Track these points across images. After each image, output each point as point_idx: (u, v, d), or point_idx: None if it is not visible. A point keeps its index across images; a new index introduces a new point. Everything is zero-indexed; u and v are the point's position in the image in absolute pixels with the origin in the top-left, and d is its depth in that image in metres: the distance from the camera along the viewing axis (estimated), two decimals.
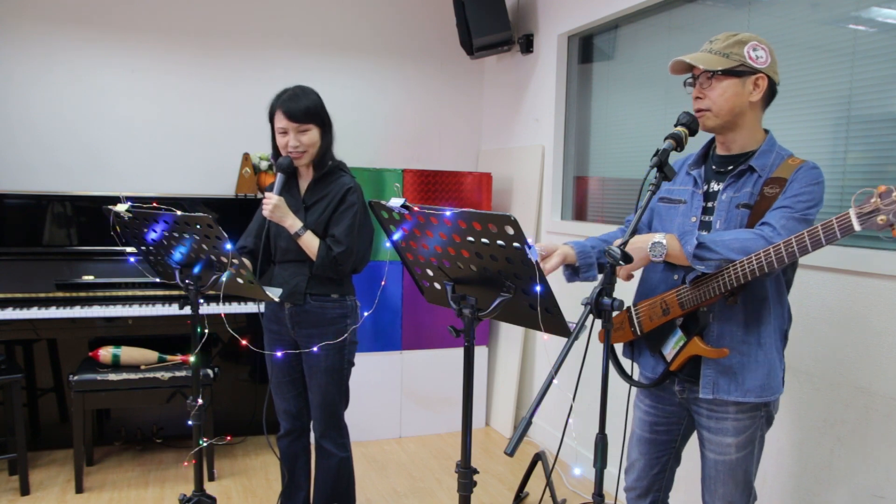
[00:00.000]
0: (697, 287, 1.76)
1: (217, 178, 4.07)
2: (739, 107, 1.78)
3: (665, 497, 2.10)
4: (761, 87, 1.78)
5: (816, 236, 1.50)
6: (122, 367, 3.21)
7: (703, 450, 1.91)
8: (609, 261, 1.58)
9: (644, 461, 2.05)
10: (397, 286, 3.87)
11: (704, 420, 1.87)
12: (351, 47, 4.32)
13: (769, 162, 1.78)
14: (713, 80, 1.78)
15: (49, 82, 3.76)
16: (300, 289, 2.43)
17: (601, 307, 1.55)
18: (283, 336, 2.53)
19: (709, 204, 1.85)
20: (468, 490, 1.65)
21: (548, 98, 3.85)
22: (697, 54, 1.80)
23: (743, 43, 1.76)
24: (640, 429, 2.05)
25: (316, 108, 2.38)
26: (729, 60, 1.76)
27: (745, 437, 1.82)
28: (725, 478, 1.85)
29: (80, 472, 3.15)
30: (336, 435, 2.55)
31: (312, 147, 2.39)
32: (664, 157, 1.72)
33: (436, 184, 3.90)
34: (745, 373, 1.77)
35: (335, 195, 2.42)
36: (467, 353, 1.64)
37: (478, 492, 2.70)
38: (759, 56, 1.77)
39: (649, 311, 1.91)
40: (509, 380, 4.07)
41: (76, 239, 3.58)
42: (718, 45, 1.78)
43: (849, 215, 1.44)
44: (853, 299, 2.17)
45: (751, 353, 1.78)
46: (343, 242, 2.37)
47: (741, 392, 1.77)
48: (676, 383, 1.91)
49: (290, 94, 2.38)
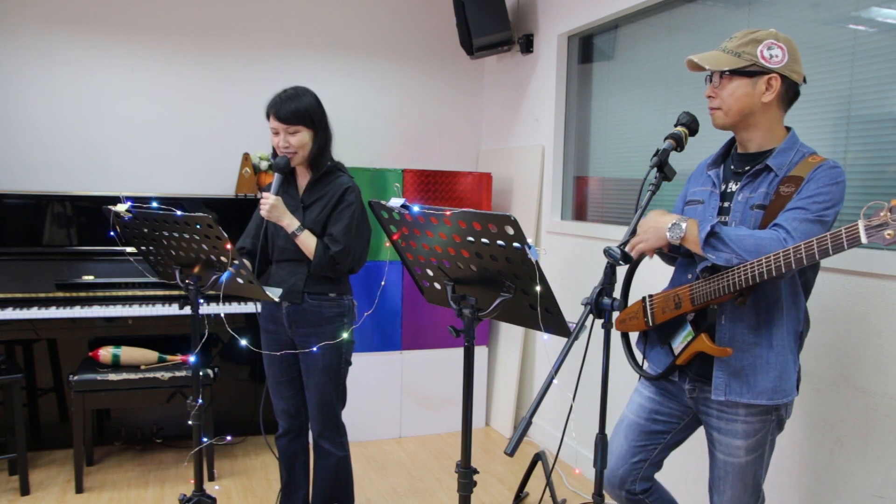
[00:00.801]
0: (708, 283, 1.75)
1: (217, 178, 4.07)
2: (750, 107, 1.76)
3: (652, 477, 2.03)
4: (774, 88, 1.74)
5: (824, 245, 1.48)
6: (122, 367, 3.21)
7: (712, 449, 1.89)
8: (609, 261, 1.59)
9: (627, 447, 1.99)
10: (397, 286, 3.88)
11: (714, 421, 1.85)
12: (351, 47, 4.32)
13: (787, 160, 1.75)
14: (724, 80, 1.77)
15: (49, 82, 3.76)
16: (298, 287, 2.43)
17: (601, 307, 1.55)
18: (280, 336, 2.53)
19: (725, 204, 1.83)
20: (468, 490, 1.65)
21: (548, 98, 3.85)
22: (708, 53, 1.79)
23: (758, 42, 1.73)
24: (634, 414, 2.01)
25: (306, 110, 2.38)
26: (740, 60, 1.73)
27: (755, 440, 1.80)
28: (734, 480, 1.84)
29: (80, 472, 3.15)
30: (334, 434, 2.55)
31: (302, 148, 2.40)
32: (664, 157, 1.72)
33: (436, 184, 3.90)
34: (757, 375, 1.75)
35: (333, 195, 2.43)
36: (467, 353, 1.64)
37: (478, 492, 2.71)
38: (775, 55, 1.73)
39: (662, 304, 1.91)
40: (509, 380, 4.07)
41: (76, 239, 3.58)
42: (733, 44, 1.76)
43: (857, 227, 1.42)
44: (853, 299, 2.17)
45: (762, 354, 1.76)
46: (340, 241, 2.38)
47: (752, 394, 1.76)
48: (688, 382, 1.89)
49: (283, 96, 2.40)
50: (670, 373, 1.90)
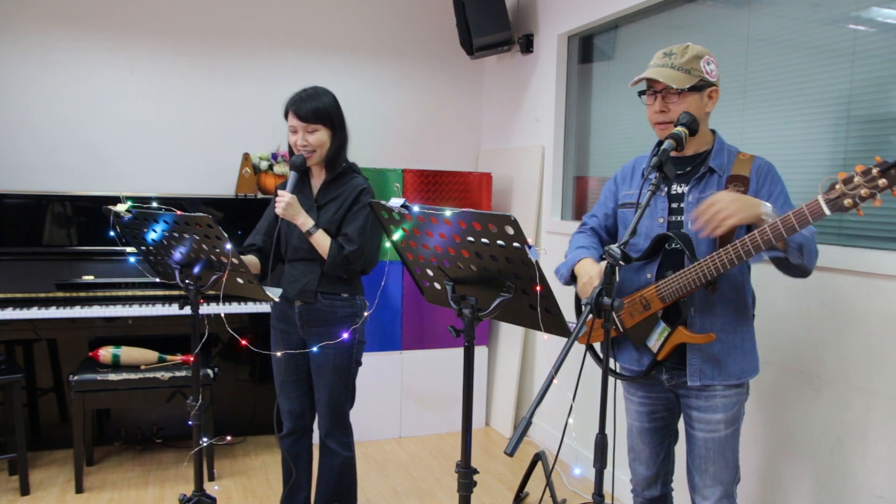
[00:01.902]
0: (677, 279, 1.85)
1: (217, 178, 4.07)
2: (699, 119, 1.88)
3: (670, 481, 2.17)
4: (714, 99, 1.91)
5: (789, 222, 1.63)
6: (122, 367, 3.21)
7: (691, 431, 1.98)
8: (609, 261, 1.59)
9: (650, 450, 2.11)
10: (397, 286, 3.88)
11: (693, 401, 1.95)
12: (351, 47, 4.32)
13: (724, 160, 1.91)
14: (677, 96, 1.87)
15: (49, 82, 3.76)
16: (311, 287, 2.43)
17: (601, 307, 1.56)
18: (291, 335, 2.53)
19: (674, 205, 1.94)
20: (468, 490, 1.65)
21: (548, 98, 3.85)
22: (664, 70, 1.87)
23: (699, 58, 1.87)
24: (638, 420, 2.11)
25: (326, 110, 2.40)
26: (691, 77, 1.85)
27: (732, 413, 1.93)
28: (716, 456, 1.93)
29: (80, 472, 3.15)
30: (341, 434, 2.55)
31: (321, 147, 2.41)
32: (664, 156, 1.73)
33: (436, 184, 3.90)
34: (727, 358, 1.90)
35: (349, 195, 2.43)
36: (467, 353, 1.64)
37: (478, 492, 2.71)
38: (712, 70, 1.89)
39: (629, 309, 1.98)
40: (509, 380, 4.07)
41: (76, 239, 3.58)
42: (679, 61, 1.86)
43: (818, 202, 1.59)
44: (853, 299, 2.17)
45: (729, 339, 1.90)
46: (355, 241, 2.38)
47: (724, 376, 1.90)
48: (664, 372, 1.99)
49: (304, 94, 2.41)
50: (651, 370, 1.98)
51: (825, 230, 2.31)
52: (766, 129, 2.57)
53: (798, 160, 2.44)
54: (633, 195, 2.04)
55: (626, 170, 2.14)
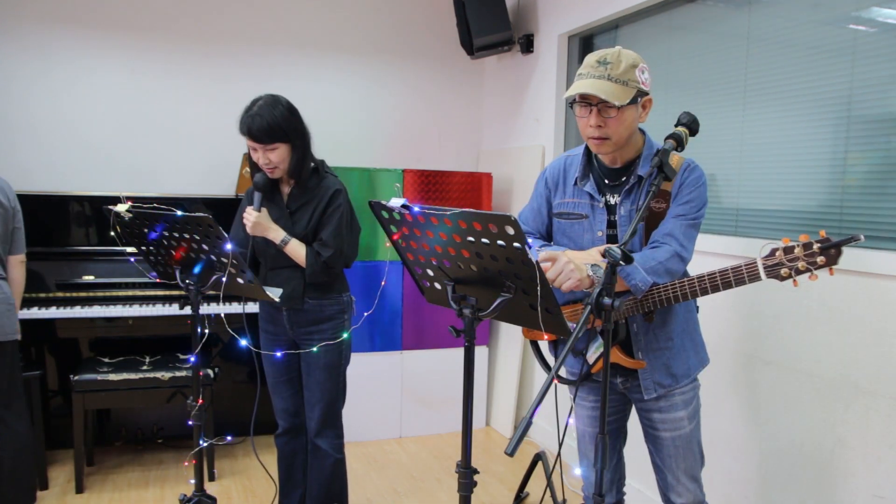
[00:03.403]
0: None
1: (217, 178, 4.07)
2: (634, 130, 1.84)
3: (623, 486, 2.17)
4: (647, 109, 1.84)
5: (727, 279, 1.68)
6: (122, 367, 3.21)
7: (656, 433, 1.97)
8: (609, 261, 1.58)
9: None
10: (397, 286, 3.87)
11: (653, 404, 1.95)
12: (351, 47, 4.32)
13: None
14: (616, 111, 1.76)
15: (49, 82, 3.76)
16: (297, 294, 2.44)
17: (602, 307, 1.55)
18: (280, 336, 2.53)
19: (612, 217, 1.91)
20: (468, 490, 1.65)
21: (548, 98, 3.85)
22: (601, 83, 1.74)
23: (634, 67, 1.77)
24: (590, 426, 2.10)
25: (280, 125, 2.31)
26: (629, 89, 1.76)
27: (692, 407, 1.96)
28: (685, 451, 1.95)
29: (80, 472, 3.15)
30: (332, 434, 2.55)
31: (283, 163, 2.37)
32: (664, 157, 1.72)
33: (436, 184, 3.90)
34: (679, 362, 1.91)
35: (321, 199, 2.42)
36: (467, 353, 1.64)
37: (478, 492, 2.70)
38: (647, 79, 1.80)
39: (570, 318, 1.96)
40: (509, 380, 4.07)
41: (76, 239, 3.58)
42: (616, 72, 1.75)
43: (756, 265, 1.63)
44: (853, 299, 2.17)
45: (674, 347, 1.91)
46: (331, 246, 2.38)
47: (676, 379, 1.92)
48: (618, 377, 1.99)
49: (254, 112, 2.32)
50: (585, 379, 1.99)
51: (825, 230, 2.30)
52: (766, 129, 2.57)
53: (798, 160, 2.44)
54: (569, 205, 1.96)
55: (556, 171, 2.03)
